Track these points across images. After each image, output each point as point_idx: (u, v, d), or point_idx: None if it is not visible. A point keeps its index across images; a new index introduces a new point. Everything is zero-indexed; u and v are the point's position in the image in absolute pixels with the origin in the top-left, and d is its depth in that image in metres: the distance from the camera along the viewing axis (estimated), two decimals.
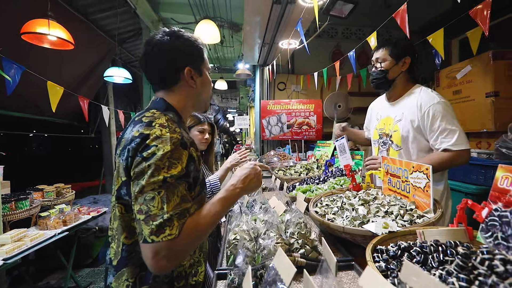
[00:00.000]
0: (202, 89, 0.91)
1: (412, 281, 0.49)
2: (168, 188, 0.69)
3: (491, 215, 0.75)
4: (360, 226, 0.98)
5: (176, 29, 0.87)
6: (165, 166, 0.70)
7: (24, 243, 1.84)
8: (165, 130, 0.74)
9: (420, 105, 1.42)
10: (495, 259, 0.62)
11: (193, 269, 0.87)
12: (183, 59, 0.85)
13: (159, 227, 0.65)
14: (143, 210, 0.67)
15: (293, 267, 0.53)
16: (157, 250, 0.65)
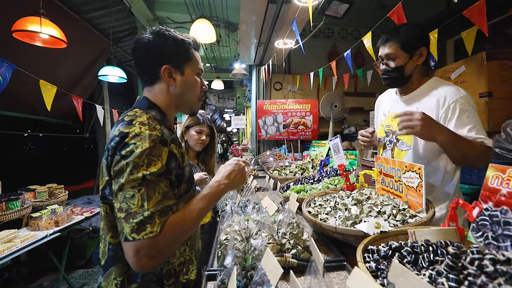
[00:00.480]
0: (184, 89, 0.89)
1: (399, 282, 0.48)
2: (148, 186, 0.68)
3: (482, 215, 0.75)
4: (352, 226, 0.97)
5: (165, 29, 0.87)
6: (144, 163, 0.69)
7: (15, 244, 1.81)
8: (144, 128, 0.74)
9: (444, 98, 1.22)
10: (485, 259, 0.62)
11: (183, 267, 0.87)
12: (162, 57, 0.85)
13: (140, 224, 0.65)
14: (123, 208, 0.67)
15: (280, 268, 0.52)
16: (138, 248, 0.65)
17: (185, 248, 0.89)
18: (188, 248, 0.90)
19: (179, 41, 0.87)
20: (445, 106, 1.21)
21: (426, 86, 1.33)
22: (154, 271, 0.79)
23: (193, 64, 0.90)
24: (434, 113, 1.24)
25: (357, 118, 4.78)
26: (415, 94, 1.36)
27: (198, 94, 0.94)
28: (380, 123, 1.57)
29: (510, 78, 2.11)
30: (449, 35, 3.44)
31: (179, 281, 0.84)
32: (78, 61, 4.26)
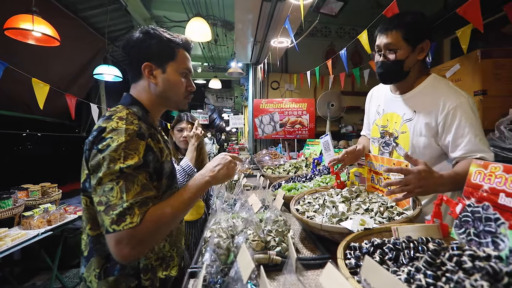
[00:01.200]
0: (166, 87, 0.90)
1: (371, 277, 0.47)
2: (126, 178, 0.69)
3: (465, 211, 0.74)
4: (338, 224, 0.97)
5: (152, 28, 0.89)
6: (120, 156, 0.70)
7: (5, 243, 1.80)
8: (121, 122, 0.75)
9: (442, 102, 1.10)
10: (464, 255, 0.61)
11: (162, 262, 0.87)
12: (143, 54, 0.87)
13: (119, 216, 0.66)
14: (103, 201, 0.68)
15: (252, 264, 0.51)
16: (119, 239, 0.65)
17: (165, 245, 0.90)
18: (168, 244, 0.91)
19: (164, 40, 0.88)
20: (445, 112, 1.09)
21: (424, 87, 1.20)
22: (132, 265, 0.80)
23: (178, 64, 0.91)
24: (433, 118, 1.14)
25: (354, 117, 4.77)
26: (413, 94, 1.23)
27: (182, 93, 0.94)
28: (373, 122, 1.45)
29: (504, 76, 2.10)
30: (446, 33, 3.43)
31: (157, 276, 0.85)
32: (74, 60, 4.25)
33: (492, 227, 0.66)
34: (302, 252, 1.02)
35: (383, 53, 1.18)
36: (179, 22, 4.99)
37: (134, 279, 0.80)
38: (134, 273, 0.80)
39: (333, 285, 0.46)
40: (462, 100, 1.08)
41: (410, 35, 1.12)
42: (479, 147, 1.04)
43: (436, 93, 1.14)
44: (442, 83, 1.18)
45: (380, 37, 1.18)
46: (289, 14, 2.14)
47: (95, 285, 0.79)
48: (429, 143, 1.17)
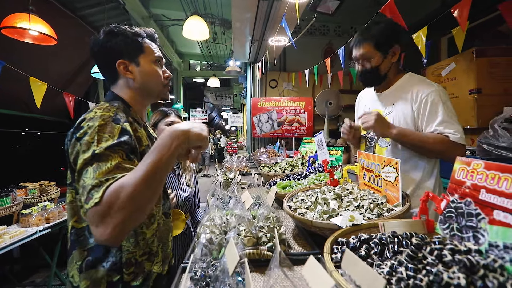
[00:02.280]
0: (144, 79, 0.91)
1: (350, 269, 0.49)
2: (99, 159, 0.68)
3: (449, 207, 0.76)
4: (328, 220, 0.99)
5: (114, 26, 0.90)
6: (94, 140, 0.70)
7: (4, 241, 1.83)
8: (99, 112, 0.77)
9: (416, 93, 1.25)
10: (445, 249, 0.63)
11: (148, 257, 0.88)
12: (114, 54, 0.88)
13: (88, 194, 0.64)
14: (81, 184, 0.67)
15: (237, 256, 0.53)
16: (89, 217, 0.63)
17: (154, 240, 0.90)
18: (156, 239, 0.91)
19: (129, 35, 0.89)
20: (418, 102, 1.25)
21: (400, 83, 1.36)
22: (114, 260, 0.80)
23: (148, 55, 0.92)
24: (409, 108, 1.28)
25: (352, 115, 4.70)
26: (391, 91, 1.39)
27: (162, 82, 0.95)
28: None
29: (498, 75, 2.12)
30: (443, 32, 3.44)
31: (144, 270, 0.86)
32: (72, 58, 4.26)
33: (473, 222, 0.68)
34: (293, 248, 1.04)
35: (361, 62, 1.35)
36: (177, 21, 4.99)
37: (116, 273, 0.80)
38: (117, 267, 0.80)
39: (314, 276, 0.48)
40: (433, 89, 1.23)
41: (380, 44, 1.28)
42: (446, 126, 1.19)
43: (410, 86, 1.30)
44: (416, 78, 1.34)
45: (355, 50, 1.35)
46: (286, 13, 2.15)
47: (77, 278, 0.79)
48: None
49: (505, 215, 0.62)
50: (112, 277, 0.80)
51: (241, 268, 0.70)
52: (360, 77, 1.39)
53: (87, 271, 0.79)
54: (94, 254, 0.79)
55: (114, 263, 0.80)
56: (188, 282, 0.76)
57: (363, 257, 0.69)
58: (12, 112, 3.79)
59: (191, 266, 0.83)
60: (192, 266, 0.83)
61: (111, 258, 0.80)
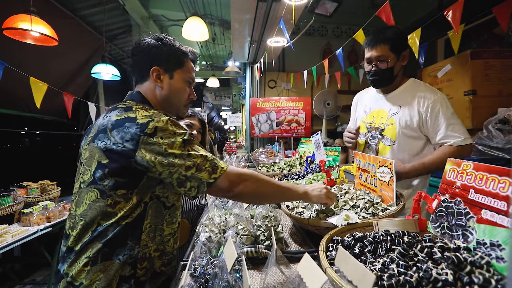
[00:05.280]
0: (170, 92, 0.96)
1: (343, 266, 0.52)
2: (190, 143, 0.81)
3: (440, 206, 0.79)
4: (324, 219, 1.01)
5: (165, 36, 0.96)
6: (175, 130, 0.80)
7: (5, 239, 1.85)
8: (150, 111, 0.83)
9: (423, 98, 1.35)
10: (435, 247, 0.66)
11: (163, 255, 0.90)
12: (154, 58, 0.93)
13: (212, 167, 0.80)
14: (190, 165, 0.78)
15: (235, 254, 0.55)
16: (222, 180, 0.80)
17: (170, 239, 0.92)
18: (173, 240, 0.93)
19: (175, 48, 0.95)
20: (425, 106, 1.35)
21: (406, 87, 1.46)
22: (131, 253, 0.80)
23: (185, 72, 0.98)
24: (415, 111, 1.38)
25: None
26: (397, 93, 1.47)
27: (185, 100, 1.01)
28: (361, 120, 1.65)
29: (493, 77, 2.15)
30: (440, 33, 3.47)
31: (154, 268, 0.86)
32: (72, 59, 4.27)
33: (462, 221, 0.71)
34: (290, 246, 1.07)
35: (375, 63, 1.41)
36: (176, 21, 5.00)
37: (129, 267, 0.80)
38: (132, 261, 0.81)
39: (308, 273, 0.51)
40: (438, 96, 1.35)
41: (395, 47, 1.37)
42: (451, 133, 1.30)
43: (416, 91, 1.40)
44: (421, 84, 1.45)
45: (370, 51, 1.41)
46: (283, 15, 2.17)
47: (83, 275, 0.76)
48: (414, 133, 1.40)
49: (492, 214, 0.65)
50: (125, 271, 0.80)
51: (239, 265, 0.72)
52: (372, 77, 1.44)
53: (101, 263, 0.77)
54: (110, 246, 0.78)
55: (130, 256, 0.80)
56: (188, 279, 0.78)
57: (357, 254, 0.72)
58: (13, 112, 3.81)
59: (190, 263, 0.86)
60: (191, 264, 0.86)
61: (128, 252, 0.80)
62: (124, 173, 0.79)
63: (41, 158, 5.14)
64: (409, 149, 1.42)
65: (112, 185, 0.78)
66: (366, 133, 1.59)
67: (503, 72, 2.15)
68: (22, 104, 3.84)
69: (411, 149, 1.42)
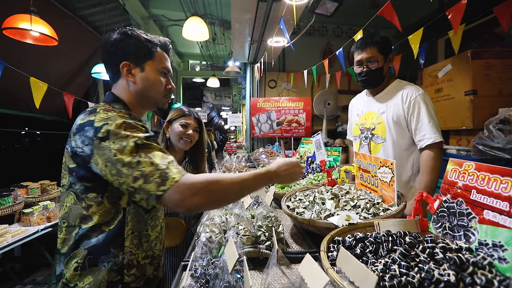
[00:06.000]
0: (144, 85, 0.91)
1: (344, 266, 0.51)
2: (144, 148, 0.73)
3: (441, 207, 0.78)
4: (325, 219, 1.01)
5: (130, 29, 0.91)
6: (128, 134, 0.74)
7: (5, 239, 1.84)
8: (110, 113, 0.79)
9: (406, 95, 1.46)
10: (437, 248, 0.66)
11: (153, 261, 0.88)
12: (122, 54, 0.89)
13: (161, 177, 0.70)
14: (138, 176, 0.70)
15: (236, 255, 0.55)
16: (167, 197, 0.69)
17: (157, 243, 0.90)
18: (159, 243, 0.92)
19: (142, 40, 0.90)
20: (407, 102, 1.45)
21: (391, 87, 1.56)
22: (115, 261, 0.80)
23: (157, 63, 0.93)
24: (400, 108, 1.47)
25: None
26: (385, 93, 1.57)
27: (161, 92, 0.95)
28: (354, 123, 1.76)
29: (494, 77, 2.15)
30: (440, 33, 3.46)
31: (146, 274, 0.86)
32: (72, 58, 4.27)
33: (464, 222, 0.71)
34: (291, 247, 1.06)
35: (365, 64, 1.51)
36: (177, 21, 5.00)
37: (116, 274, 0.80)
38: (118, 268, 0.80)
39: (310, 273, 0.51)
40: (420, 93, 1.44)
41: (383, 49, 1.49)
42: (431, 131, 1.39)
43: (400, 89, 1.51)
44: (405, 83, 1.54)
45: (361, 54, 1.52)
46: (284, 15, 2.17)
47: (76, 278, 0.78)
48: (400, 129, 1.48)
49: (494, 215, 0.64)
50: (112, 277, 0.79)
51: (240, 266, 0.72)
52: (363, 77, 1.54)
53: (89, 268, 0.78)
54: (95, 253, 0.78)
55: (115, 263, 0.80)
56: (189, 280, 0.78)
57: (358, 255, 0.71)
58: (13, 112, 3.81)
59: (191, 264, 0.86)
60: (192, 264, 0.85)
61: (112, 259, 0.80)
62: (90, 178, 0.77)
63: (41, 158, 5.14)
64: (399, 144, 1.50)
65: (83, 189, 0.78)
66: (360, 135, 1.69)
67: (504, 72, 2.15)
68: (22, 104, 3.84)
69: (401, 144, 1.50)
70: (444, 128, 2.37)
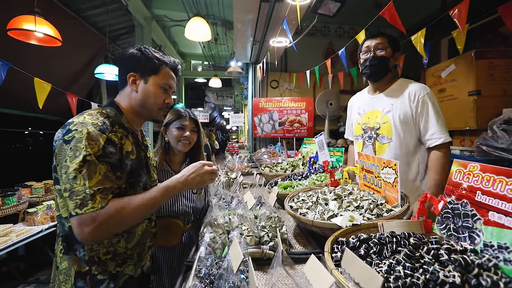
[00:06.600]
0: (144, 95, 0.99)
1: (349, 267, 0.51)
2: (88, 167, 0.77)
3: (446, 208, 0.78)
4: (328, 220, 1.01)
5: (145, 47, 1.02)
6: (84, 146, 0.78)
7: (10, 239, 1.86)
8: (88, 118, 0.85)
9: (414, 93, 1.43)
10: (441, 249, 0.66)
11: (115, 257, 0.92)
12: (132, 66, 0.99)
13: (82, 201, 0.75)
14: (68, 188, 0.76)
15: (241, 255, 0.55)
16: (81, 221, 0.75)
17: (119, 240, 0.92)
18: (123, 240, 0.93)
19: (151, 57, 1.00)
20: (415, 101, 1.43)
21: (396, 85, 1.54)
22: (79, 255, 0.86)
23: (160, 79, 1.01)
24: (407, 107, 1.44)
25: None
26: (389, 91, 1.54)
27: (159, 104, 1.02)
28: (356, 122, 1.71)
29: (498, 77, 2.13)
30: (443, 33, 3.45)
31: (108, 270, 0.89)
32: (75, 59, 4.30)
33: (469, 223, 0.71)
34: (294, 247, 1.06)
35: (373, 51, 1.50)
36: (179, 21, 5.02)
37: (85, 264, 0.86)
38: (84, 261, 0.86)
39: (315, 274, 0.51)
40: (428, 91, 1.42)
41: (392, 42, 1.49)
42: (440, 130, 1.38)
43: (406, 88, 1.48)
44: (410, 81, 1.51)
45: (370, 40, 1.52)
46: (287, 16, 2.17)
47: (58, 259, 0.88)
48: (408, 128, 1.45)
49: (499, 216, 0.64)
50: (81, 268, 0.86)
51: (244, 266, 0.72)
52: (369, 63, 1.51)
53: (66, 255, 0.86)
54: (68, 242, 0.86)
55: (79, 258, 0.86)
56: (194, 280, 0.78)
57: (362, 256, 0.71)
58: (17, 112, 3.84)
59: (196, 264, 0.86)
60: (197, 264, 0.86)
61: (77, 253, 0.86)
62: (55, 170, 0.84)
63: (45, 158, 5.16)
64: (406, 144, 1.47)
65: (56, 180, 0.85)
66: (363, 134, 1.64)
67: (508, 72, 2.14)
68: (26, 104, 3.87)
69: (408, 144, 1.47)
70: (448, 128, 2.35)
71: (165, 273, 1.47)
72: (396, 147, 1.48)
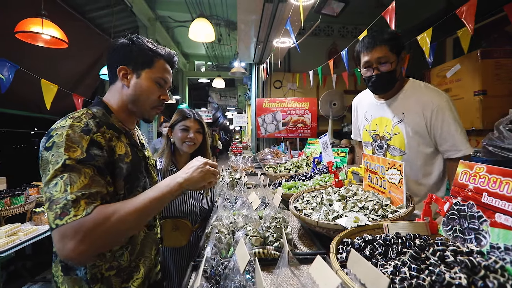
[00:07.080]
0: (136, 90, 0.88)
1: (355, 268, 0.52)
2: (71, 171, 0.67)
3: (452, 209, 0.78)
4: (333, 221, 1.01)
5: (136, 36, 0.91)
6: (63, 150, 0.69)
7: (18, 238, 1.89)
8: (70, 120, 0.75)
9: (428, 102, 1.27)
10: (447, 250, 0.66)
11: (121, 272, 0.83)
12: (123, 58, 0.88)
13: (63, 209, 0.62)
14: (47, 197, 0.65)
15: (248, 256, 0.56)
16: (62, 233, 0.61)
17: (123, 253, 0.84)
18: (127, 253, 0.85)
19: (144, 48, 0.89)
20: (430, 110, 1.27)
21: (406, 91, 1.36)
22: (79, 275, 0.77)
23: (154, 72, 0.91)
24: (421, 116, 1.29)
25: None
26: (399, 99, 1.37)
27: (153, 101, 0.92)
28: (363, 128, 1.58)
29: (504, 77, 2.11)
30: (448, 33, 3.42)
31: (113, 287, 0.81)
32: (81, 60, 4.35)
33: (475, 225, 0.70)
34: (299, 248, 1.07)
35: (375, 66, 1.30)
36: (183, 22, 5.05)
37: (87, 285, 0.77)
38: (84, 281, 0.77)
39: (321, 275, 0.51)
40: (444, 99, 1.26)
41: (394, 48, 1.27)
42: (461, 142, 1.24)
43: (418, 94, 1.31)
44: (421, 85, 1.35)
45: (369, 54, 1.30)
46: (290, 16, 2.18)
47: (60, 279, 0.78)
48: (423, 140, 1.31)
49: (506, 218, 0.64)
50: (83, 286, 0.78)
51: (249, 266, 0.73)
52: (373, 82, 1.33)
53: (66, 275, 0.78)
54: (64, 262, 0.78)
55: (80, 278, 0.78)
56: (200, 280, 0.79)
57: (367, 257, 0.72)
58: (24, 113, 3.90)
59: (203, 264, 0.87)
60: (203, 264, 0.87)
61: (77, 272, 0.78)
62: None
63: None
64: (422, 157, 1.34)
65: None
66: (372, 143, 1.53)
67: None
68: (32, 106, 3.93)
69: (424, 156, 1.34)
70: None
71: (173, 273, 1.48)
72: (411, 160, 1.35)
